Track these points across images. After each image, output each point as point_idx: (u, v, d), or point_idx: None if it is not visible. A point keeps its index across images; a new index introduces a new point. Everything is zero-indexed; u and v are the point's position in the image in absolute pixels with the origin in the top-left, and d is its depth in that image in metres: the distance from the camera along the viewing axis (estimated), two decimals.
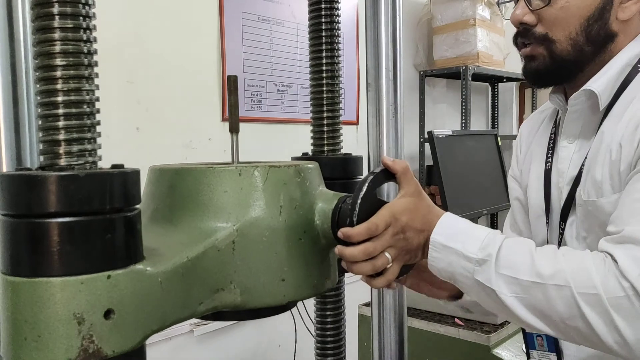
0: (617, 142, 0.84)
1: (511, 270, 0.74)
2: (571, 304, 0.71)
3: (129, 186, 0.56)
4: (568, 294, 0.71)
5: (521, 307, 0.74)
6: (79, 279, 0.52)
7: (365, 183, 0.74)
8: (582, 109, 0.93)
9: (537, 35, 0.92)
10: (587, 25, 0.89)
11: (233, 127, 0.77)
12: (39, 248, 0.52)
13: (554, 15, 0.90)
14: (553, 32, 0.91)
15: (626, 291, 0.69)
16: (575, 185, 0.92)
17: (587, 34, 0.89)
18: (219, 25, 2.20)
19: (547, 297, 0.72)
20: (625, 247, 0.72)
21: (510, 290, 0.74)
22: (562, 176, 0.96)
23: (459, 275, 0.77)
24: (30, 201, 0.52)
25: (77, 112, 0.55)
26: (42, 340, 0.51)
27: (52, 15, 0.54)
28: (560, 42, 0.90)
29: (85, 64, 0.55)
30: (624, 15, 0.89)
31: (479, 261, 0.75)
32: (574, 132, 0.96)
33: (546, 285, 0.72)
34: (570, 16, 0.89)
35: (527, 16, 0.92)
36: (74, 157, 0.55)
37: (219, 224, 0.67)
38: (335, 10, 0.99)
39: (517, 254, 0.76)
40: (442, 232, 0.77)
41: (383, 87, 0.90)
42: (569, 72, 0.93)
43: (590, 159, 0.90)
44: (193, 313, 0.64)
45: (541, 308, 0.73)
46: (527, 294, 0.73)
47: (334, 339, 1.03)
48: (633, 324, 0.69)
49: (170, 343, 2.03)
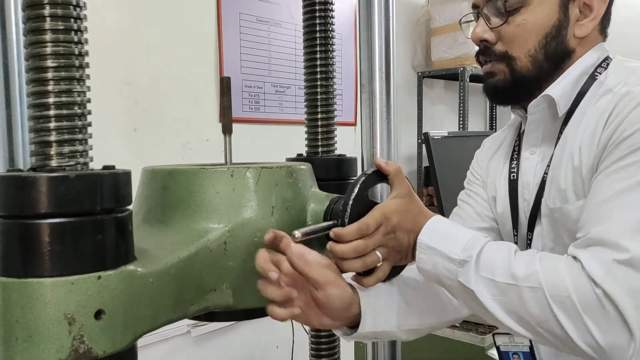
0: (578, 147, 0.84)
1: (489, 272, 0.74)
2: (544, 306, 0.70)
3: (119, 187, 0.57)
4: (541, 295, 0.71)
5: (499, 309, 0.74)
6: (69, 279, 0.52)
7: (357, 184, 0.75)
8: (542, 117, 0.93)
9: (497, 52, 0.93)
10: (545, 42, 0.90)
11: (226, 128, 0.78)
12: (30, 249, 0.52)
13: (511, 33, 0.90)
14: (512, 49, 0.91)
15: (597, 294, 0.68)
16: (539, 194, 0.92)
17: (545, 50, 0.90)
18: (217, 26, 2.20)
19: (522, 299, 0.72)
20: (591, 250, 0.72)
21: (489, 292, 0.74)
22: (527, 187, 0.95)
23: (443, 277, 0.77)
24: (21, 202, 0.52)
25: (68, 113, 0.55)
26: (33, 340, 0.52)
27: (43, 17, 0.54)
28: (520, 59, 0.91)
29: (76, 65, 0.56)
30: (580, 32, 0.90)
31: (461, 262, 0.75)
32: (535, 142, 0.95)
33: (520, 287, 0.72)
34: (527, 33, 0.90)
35: (487, 34, 0.93)
36: (65, 158, 0.55)
37: (211, 225, 0.68)
38: (329, 12, 1.00)
39: (496, 256, 0.76)
40: (428, 234, 0.78)
41: (376, 88, 0.90)
42: (528, 89, 0.93)
43: (554, 166, 0.89)
44: (185, 313, 0.64)
45: (517, 310, 0.73)
46: (503, 295, 0.73)
47: (328, 339, 1.04)
48: (604, 327, 0.68)
49: (168, 344, 2.03)
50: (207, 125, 2.17)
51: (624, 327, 0.68)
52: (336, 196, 0.77)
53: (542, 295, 0.70)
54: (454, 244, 0.77)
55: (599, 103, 0.85)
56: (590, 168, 0.82)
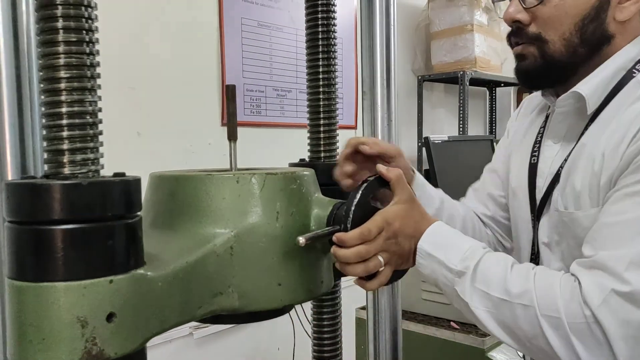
0: (601, 152, 0.81)
1: (484, 285, 0.76)
2: (535, 324, 0.72)
3: (130, 194, 0.58)
4: (532, 314, 0.72)
5: (491, 321, 0.76)
6: (82, 283, 0.54)
7: (360, 190, 0.77)
8: (569, 111, 0.90)
9: (529, 34, 0.89)
10: (582, 25, 0.85)
11: (231, 135, 0.79)
12: (44, 254, 0.53)
13: (547, 14, 0.86)
14: (546, 31, 0.87)
15: (587, 318, 0.69)
16: (551, 187, 0.90)
17: (581, 34, 0.85)
18: (219, 31, 2.22)
19: (514, 315, 0.73)
20: (593, 274, 0.72)
21: (482, 305, 0.76)
22: (542, 175, 0.94)
23: (441, 283, 0.80)
24: (36, 208, 0.53)
25: (80, 122, 0.57)
26: (47, 343, 0.53)
27: (56, 29, 0.55)
28: (553, 43, 0.87)
29: (88, 76, 0.57)
30: (622, 15, 0.85)
31: (458, 273, 0.78)
32: (558, 134, 0.93)
33: (513, 303, 0.74)
34: (564, 15, 0.85)
35: (520, 14, 0.89)
36: (77, 166, 0.57)
37: (217, 230, 0.69)
38: (331, 20, 1.01)
39: (492, 270, 0.77)
40: (428, 240, 0.80)
41: (378, 95, 0.92)
42: (560, 74, 0.90)
43: (571, 164, 0.87)
44: (193, 316, 0.66)
45: (509, 325, 0.74)
46: (496, 309, 0.75)
47: (330, 342, 1.05)
48: (592, 351, 0.69)
49: (170, 346, 2.05)
50: (209, 129, 2.19)
51: (610, 355, 0.69)
52: (339, 201, 0.79)
53: (534, 313, 0.72)
54: (453, 253, 0.78)
55: (633, 107, 0.81)
56: (609, 178, 0.80)
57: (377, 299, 1.01)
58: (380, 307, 1.02)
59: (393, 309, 1.01)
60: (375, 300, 1.01)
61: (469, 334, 1.63)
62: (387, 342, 1.01)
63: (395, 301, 1.02)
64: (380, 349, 1.01)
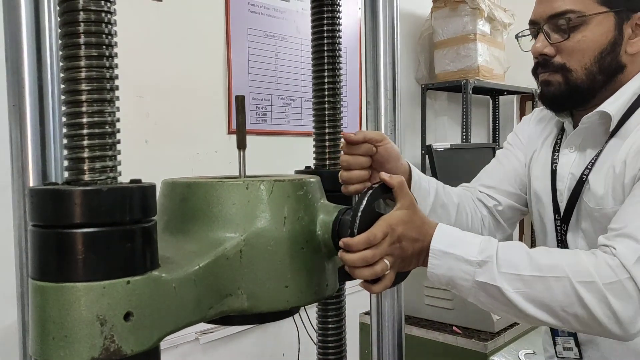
0: (622, 160, 0.96)
1: (512, 268, 0.83)
2: (570, 292, 0.80)
3: (146, 199, 0.61)
4: (567, 284, 0.81)
5: (523, 301, 0.82)
6: (101, 284, 0.57)
7: (366, 196, 0.79)
8: (591, 126, 1.04)
9: (555, 64, 1.04)
10: (600, 57, 1.01)
11: (240, 144, 0.83)
12: (66, 256, 0.57)
13: (571, 48, 1.01)
14: (570, 62, 1.02)
15: (619, 276, 0.80)
16: (576, 191, 1.04)
17: (600, 64, 1.01)
18: (226, 41, 2.26)
19: (548, 289, 0.81)
20: (623, 241, 0.84)
21: (513, 287, 0.82)
22: (562, 180, 1.08)
23: (458, 278, 0.84)
24: (58, 213, 0.57)
25: (99, 132, 0.60)
26: (68, 339, 0.56)
27: (78, 44, 0.59)
28: (576, 71, 1.02)
29: (107, 88, 0.61)
30: (632, 49, 1.02)
31: (480, 263, 0.83)
32: (575, 143, 1.08)
33: (546, 277, 0.82)
34: (585, 49, 1.01)
35: (547, 48, 1.04)
36: (96, 173, 0.60)
37: (227, 234, 0.72)
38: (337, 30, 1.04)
39: (514, 254, 0.85)
40: (441, 240, 0.84)
41: (382, 105, 0.95)
42: (582, 97, 1.04)
43: (596, 171, 1.01)
44: (204, 317, 0.69)
45: (542, 299, 0.82)
46: (528, 288, 0.82)
47: (335, 345, 1.08)
48: (626, 304, 0.80)
49: (177, 351, 2.08)
50: (216, 137, 2.22)
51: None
52: (344, 207, 0.82)
53: (569, 283, 0.81)
54: (469, 247, 0.84)
55: None
56: (632, 178, 0.94)
57: (380, 304, 1.03)
58: (384, 312, 1.04)
59: (396, 313, 1.03)
60: (379, 305, 1.03)
61: (471, 339, 1.66)
62: (391, 347, 1.03)
63: (398, 306, 1.04)
64: (384, 354, 1.02)
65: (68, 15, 0.59)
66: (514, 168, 1.21)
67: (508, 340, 1.71)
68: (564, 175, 1.08)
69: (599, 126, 1.04)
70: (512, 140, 1.27)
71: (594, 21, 1.00)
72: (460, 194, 1.18)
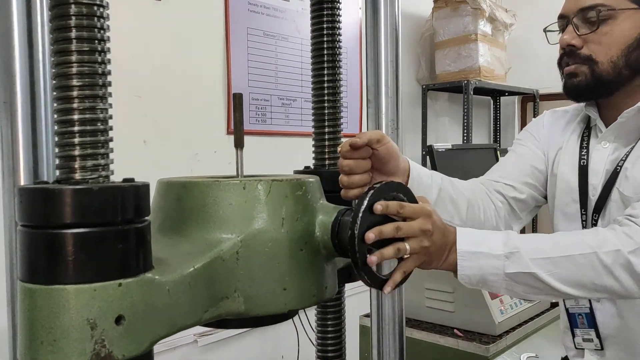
0: None
1: (540, 253, 0.86)
2: (597, 265, 0.85)
3: (139, 199, 0.59)
4: (594, 258, 0.85)
5: (557, 281, 0.85)
6: (92, 286, 0.55)
7: (367, 196, 0.77)
8: (629, 121, 1.08)
9: (582, 56, 1.07)
10: (627, 51, 1.05)
11: (238, 143, 0.81)
12: (55, 257, 0.55)
13: (598, 40, 1.05)
14: (597, 54, 1.06)
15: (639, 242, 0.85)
16: (610, 182, 1.08)
17: (626, 59, 1.05)
18: (225, 41, 2.25)
19: (577, 265, 0.86)
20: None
21: (546, 270, 0.85)
22: (597, 174, 1.11)
23: (489, 275, 0.85)
24: (48, 213, 0.55)
25: (91, 129, 0.58)
26: (58, 344, 0.54)
27: (69, 39, 0.57)
28: (602, 63, 1.06)
29: (99, 84, 0.59)
30: None
31: (508, 255, 0.85)
32: (610, 137, 1.12)
33: (574, 255, 0.86)
34: (613, 42, 1.05)
35: (575, 40, 1.07)
36: (88, 172, 0.58)
37: (223, 235, 0.70)
38: (337, 28, 1.03)
39: (537, 240, 0.89)
40: (465, 242, 0.85)
41: (382, 104, 0.94)
42: (607, 89, 1.08)
43: (631, 162, 1.05)
44: (199, 320, 0.67)
45: (573, 277, 0.86)
46: (559, 268, 0.85)
47: (334, 347, 1.06)
48: None
49: (175, 353, 2.06)
50: (215, 138, 2.21)
51: None
52: (343, 208, 0.80)
53: (595, 257, 0.85)
54: (492, 243, 0.86)
55: None
56: None
57: (381, 306, 1.01)
58: (384, 314, 1.02)
59: (397, 316, 1.01)
60: (379, 308, 1.02)
61: (472, 342, 1.64)
62: (391, 350, 1.02)
63: (399, 308, 1.02)
64: (384, 356, 1.01)
65: (59, 8, 0.57)
66: (531, 161, 1.24)
67: (510, 344, 1.69)
68: (599, 170, 1.11)
69: (637, 120, 1.07)
70: (525, 136, 1.29)
71: (622, 16, 1.04)
72: (471, 188, 1.18)
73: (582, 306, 1.16)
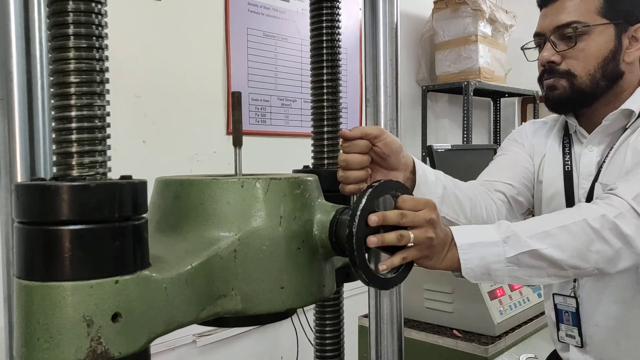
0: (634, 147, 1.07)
1: (537, 229, 0.89)
2: (588, 231, 0.90)
3: (136, 196, 0.59)
4: (585, 224, 0.90)
5: (558, 252, 0.88)
6: (88, 283, 0.55)
7: (365, 195, 0.77)
8: (612, 124, 1.14)
9: (561, 70, 1.13)
10: (603, 64, 1.11)
11: (236, 141, 0.80)
12: (52, 254, 0.54)
13: (576, 55, 1.11)
14: (575, 68, 1.12)
15: (621, 209, 0.91)
16: (594, 181, 1.13)
17: (603, 71, 1.11)
18: (225, 41, 2.24)
19: (572, 233, 0.90)
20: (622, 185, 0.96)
21: (546, 243, 0.88)
22: (587, 178, 1.16)
23: (492, 263, 0.87)
24: (44, 209, 0.55)
25: (89, 126, 0.58)
26: (54, 341, 0.54)
27: (67, 35, 0.57)
28: (581, 77, 1.12)
29: (97, 81, 0.59)
30: (628, 58, 1.13)
31: (505, 239, 0.87)
32: (595, 141, 1.17)
33: (567, 225, 0.90)
34: (589, 56, 1.11)
35: (554, 56, 1.13)
36: (85, 169, 0.58)
37: (221, 234, 0.70)
38: (336, 30, 1.02)
39: (528, 223, 0.93)
40: (462, 235, 0.86)
41: (381, 103, 0.93)
42: (586, 101, 1.14)
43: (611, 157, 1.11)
44: (196, 318, 0.67)
45: (571, 245, 0.89)
46: (558, 239, 0.89)
47: (332, 348, 1.05)
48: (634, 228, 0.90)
49: (174, 353, 2.06)
50: (214, 138, 2.21)
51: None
52: (342, 207, 0.79)
53: (585, 223, 0.90)
54: (486, 232, 0.88)
55: None
56: None
57: (379, 306, 1.01)
58: (382, 314, 1.02)
59: (395, 316, 1.01)
60: (378, 308, 1.01)
61: (471, 342, 1.63)
62: (390, 350, 1.01)
63: (397, 308, 1.02)
64: (383, 357, 1.00)
65: (57, 4, 0.57)
66: (522, 163, 1.28)
67: (509, 344, 1.69)
68: (589, 173, 1.15)
69: (619, 123, 1.13)
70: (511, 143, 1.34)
71: (596, 31, 1.10)
72: (472, 188, 1.19)
73: (569, 305, 1.21)
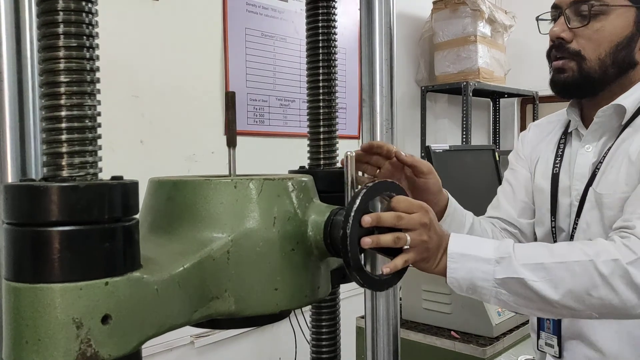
0: (636, 148, 0.98)
1: (533, 259, 0.83)
2: (593, 274, 0.81)
3: (127, 197, 0.59)
4: (590, 266, 0.81)
5: (548, 288, 0.81)
6: (78, 285, 0.54)
7: (359, 195, 0.76)
8: (606, 120, 1.06)
9: (570, 50, 1.04)
10: (615, 50, 1.02)
11: (231, 141, 0.80)
12: (41, 255, 0.54)
13: (588, 35, 1.02)
14: (586, 50, 1.03)
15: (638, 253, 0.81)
16: (589, 184, 1.05)
17: (614, 57, 1.02)
18: (223, 41, 2.24)
19: (572, 272, 0.81)
20: None
21: (537, 276, 0.81)
22: (581, 179, 1.08)
23: (478, 279, 0.82)
24: (33, 210, 0.54)
25: (79, 126, 0.58)
26: (42, 343, 0.53)
27: (57, 34, 0.57)
28: (590, 60, 1.03)
29: (87, 80, 0.58)
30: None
31: (498, 260, 0.82)
32: (592, 140, 1.09)
33: (569, 262, 0.82)
34: (602, 39, 1.02)
35: (564, 33, 1.04)
36: (75, 169, 0.58)
37: (214, 235, 0.69)
38: (332, 29, 1.02)
39: (531, 249, 0.86)
40: (457, 244, 0.83)
41: (377, 103, 0.93)
42: (593, 88, 1.06)
43: (608, 161, 1.03)
44: (188, 320, 0.66)
45: (567, 285, 0.81)
46: (552, 275, 0.81)
47: (329, 349, 1.05)
48: None
49: (171, 354, 2.05)
50: (212, 138, 2.20)
51: None
52: (337, 207, 0.79)
53: (592, 265, 0.81)
54: (484, 248, 0.84)
55: None
56: None
57: (375, 307, 1.00)
58: (379, 315, 1.01)
59: (392, 317, 1.00)
60: (374, 309, 1.01)
61: (469, 344, 1.63)
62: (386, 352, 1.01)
63: (394, 309, 1.01)
64: (379, 358, 1.00)
65: (47, 3, 0.56)
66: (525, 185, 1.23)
67: (507, 346, 1.69)
68: (584, 174, 1.08)
69: (614, 119, 1.05)
70: (514, 158, 1.28)
71: (615, 13, 1.01)
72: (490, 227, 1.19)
73: None
